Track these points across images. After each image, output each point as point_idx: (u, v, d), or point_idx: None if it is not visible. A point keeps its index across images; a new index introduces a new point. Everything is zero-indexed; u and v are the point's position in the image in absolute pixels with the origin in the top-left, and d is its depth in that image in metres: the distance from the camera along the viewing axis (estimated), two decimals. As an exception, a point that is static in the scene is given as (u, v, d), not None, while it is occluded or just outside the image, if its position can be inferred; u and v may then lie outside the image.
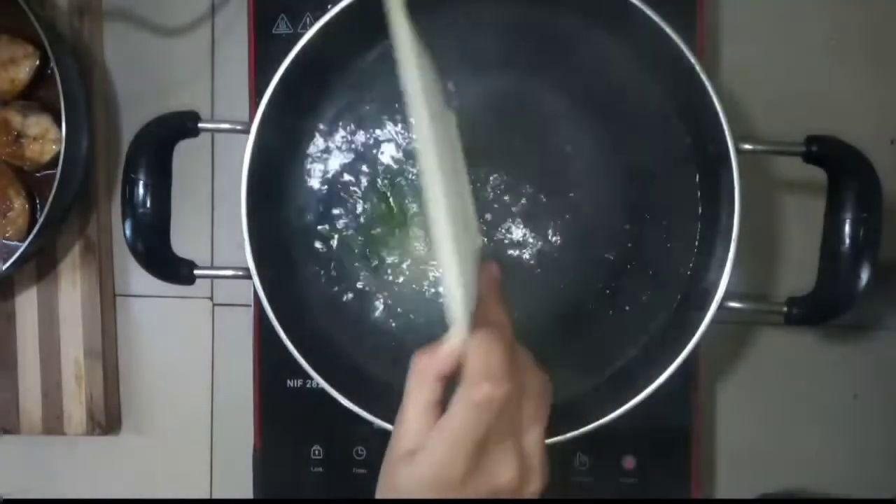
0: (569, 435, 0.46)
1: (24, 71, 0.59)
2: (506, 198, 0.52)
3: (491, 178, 0.52)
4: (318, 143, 0.53)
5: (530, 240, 0.52)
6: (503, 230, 0.52)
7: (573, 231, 0.52)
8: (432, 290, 0.52)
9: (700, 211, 0.50)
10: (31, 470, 0.68)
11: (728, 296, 0.45)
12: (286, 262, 0.53)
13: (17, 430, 0.64)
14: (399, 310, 0.53)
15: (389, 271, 0.53)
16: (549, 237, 0.52)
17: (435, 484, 0.32)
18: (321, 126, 0.53)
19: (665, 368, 0.45)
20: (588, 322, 0.52)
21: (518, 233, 0.52)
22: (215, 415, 0.66)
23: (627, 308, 0.51)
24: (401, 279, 0.53)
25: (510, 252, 0.52)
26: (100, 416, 0.65)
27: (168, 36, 0.65)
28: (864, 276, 0.43)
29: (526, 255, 0.52)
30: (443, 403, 0.34)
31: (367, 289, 0.53)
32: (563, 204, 0.52)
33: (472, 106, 0.52)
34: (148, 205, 0.47)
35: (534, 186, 0.52)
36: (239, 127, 0.48)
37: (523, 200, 0.52)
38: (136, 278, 0.66)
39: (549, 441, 0.45)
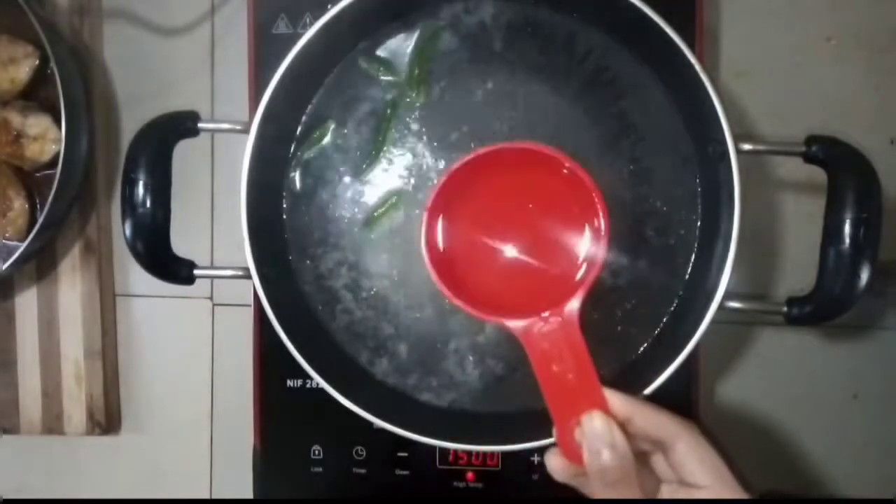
0: (569, 435, 0.46)
1: (24, 71, 0.59)
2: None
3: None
4: (317, 142, 0.53)
5: (530, 240, 0.52)
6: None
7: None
8: (432, 288, 0.52)
9: (700, 211, 0.50)
10: (31, 470, 0.68)
11: (728, 296, 0.45)
12: (286, 262, 0.53)
13: (17, 430, 0.64)
14: (400, 309, 0.53)
15: (390, 270, 0.53)
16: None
17: None
18: (320, 125, 0.53)
19: (665, 368, 0.45)
20: (588, 322, 0.52)
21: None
22: (215, 415, 0.66)
23: (628, 308, 0.51)
24: (402, 278, 0.53)
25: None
26: (100, 416, 0.65)
27: (168, 36, 0.65)
28: (864, 276, 0.43)
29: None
30: None
31: (367, 289, 0.53)
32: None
33: (470, 104, 0.52)
34: (148, 205, 0.47)
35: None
36: (239, 127, 0.48)
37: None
38: (136, 278, 0.66)
39: (550, 441, 0.46)
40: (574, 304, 0.39)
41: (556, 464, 0.40)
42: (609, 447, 0.37)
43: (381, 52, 0.52)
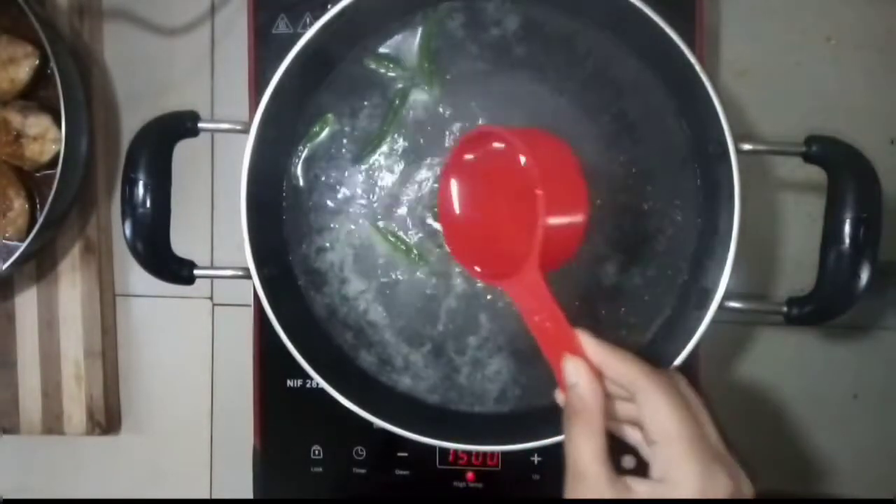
0: (569, 435, 0.46)
1: (24, 71, 0.59)
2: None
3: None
4: (317, 142, 0.53)
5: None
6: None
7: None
8: (432, 288, 0.52)
9: (700, 211, 0.50)
10: (31, 470, 0.68)
11: (728, 296, 0.45)
12: (286, 261, 0.53)
13: (17, 430, 0.64)
14: (400, 309, 0.53)
15: (389, 271, 0.53)
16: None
17: None
18: (320, 125, 0.53)
19: (665, 368, 0.45)
20: (590, 321, 0.52)
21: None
22: (215, 415, 0.66)
23: (627, 308, 0.51)
24: (401, 279, 0.53)
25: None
26: (100, 416, 0.65)
27: (168, 36, 0.65)
28: (864, 276, 0.43)
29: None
30: None
31: (367, 289, 0.53)
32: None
33: (471, 103, 0.52)
34: (148, 205, 0.47)
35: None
36: (239, 127, 0.48)
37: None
38: (136, 278, 0.66)
39: (550, 441, 0.46)
40: (533, 259, 0.41)
41: (559, 398, 0.42)
42: (573, 386, 0.39)
43: (383, 50, 0.52)
